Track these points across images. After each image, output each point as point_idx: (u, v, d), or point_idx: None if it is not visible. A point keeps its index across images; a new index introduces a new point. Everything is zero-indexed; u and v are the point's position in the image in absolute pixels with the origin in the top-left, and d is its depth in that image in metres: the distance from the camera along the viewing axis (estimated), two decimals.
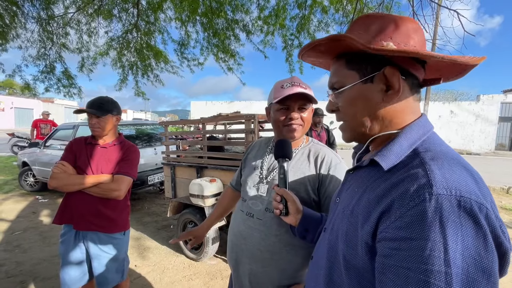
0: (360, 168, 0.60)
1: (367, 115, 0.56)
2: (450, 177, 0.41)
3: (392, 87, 0.52)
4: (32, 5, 3.67)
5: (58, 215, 1.58)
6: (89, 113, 1.55)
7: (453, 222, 0.37)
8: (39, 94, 4.77)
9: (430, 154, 0.47)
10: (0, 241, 3.26)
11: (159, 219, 4.11)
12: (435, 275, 0.36)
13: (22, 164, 5.61)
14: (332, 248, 0.58)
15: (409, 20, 0.54)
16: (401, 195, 0.43)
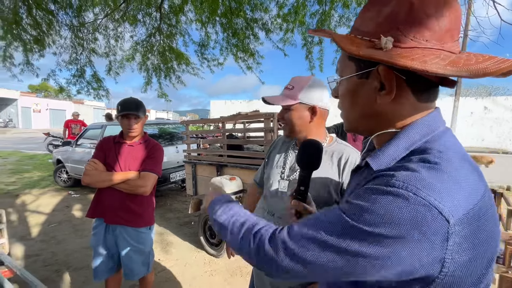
0: (360, 168, 0.57)
1: (358, 111, 0.52)
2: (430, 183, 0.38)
3: (385, 87, 0.46)
4: (65, 14, 3.93)
5: (90, 210, 1.69)
6: (127, 115, 1.63)
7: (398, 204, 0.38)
8: (72, 96, 5.10)
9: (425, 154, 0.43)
10: (38, 232, 3.54)
11: (181, 216, 4.24)
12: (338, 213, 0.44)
13: (57, 161, 6.03)
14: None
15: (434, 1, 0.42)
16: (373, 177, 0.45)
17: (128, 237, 1.66)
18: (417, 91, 0.47)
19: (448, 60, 0.40)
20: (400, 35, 0.43)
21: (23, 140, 16.12)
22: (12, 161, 8.94)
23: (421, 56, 0.41)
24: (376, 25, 0.45)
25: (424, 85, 0.47)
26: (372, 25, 0.46)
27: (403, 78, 0.45)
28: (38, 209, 4.45)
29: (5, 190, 5.46)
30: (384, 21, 0.45)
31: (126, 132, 1.68)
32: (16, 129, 24.75)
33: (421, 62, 0.40)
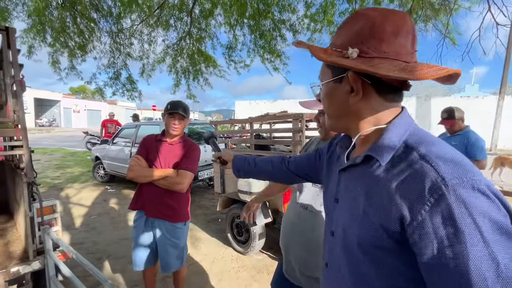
0: (353, 166, 0.61)
1: (336, 111, 0.61)
2: (453, 165, 0.45)
3: (354, 90, 0.56)
4: (106, 21, 4.25)
5: (133, 202, 1.84)
6: (175, 114, 1.77)
7: (474, 205, 0.41)
8: (108, 97, 5.50)
9: (423, 147, 0.49)
10: (81, 223, 3.87)
11: (208, 212, 4.38)
12: (477, 254, 0.40)
13: (95, 158, 6.52)
14: (351, 253, 0.58)
15: (392, 20, 0.53)
16: (419, 194, 0.45)
17: (165, 231, 1.78)
18: (382, 92, 0.56)
19: (399, 67, 0.51)
20: (364, 47, 0.53)
21: (65, 138, 17.58)
22: (56, 157, 9.81)
23: (377, 63, 0.51)
24: (347, 39, 0.56)
25: (387, 87, 0.56)
26: (344, 39, 0.57)
27: (368, 82, 0.55)
28: (79, 202, 4.85)
29: (52, 184, 6.02)
30: (353, 36, 0.55)
31: (168, 130, 1.80)
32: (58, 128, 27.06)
33: (374, 67, 0.50)
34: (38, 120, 26.81)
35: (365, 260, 0.55)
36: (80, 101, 32.55)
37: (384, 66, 0.50)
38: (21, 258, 1.75)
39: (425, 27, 3.89)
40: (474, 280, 0.39)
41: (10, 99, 1.69)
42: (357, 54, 0.53)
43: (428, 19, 3.75)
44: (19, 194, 1.85)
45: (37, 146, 12.44)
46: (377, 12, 0.54)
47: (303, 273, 1.13)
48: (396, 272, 0.51)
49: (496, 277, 0.38)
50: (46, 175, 6.83)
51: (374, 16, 0.54)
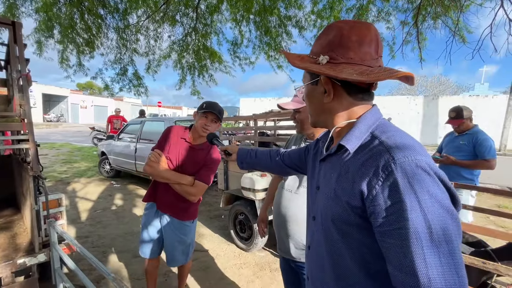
0: (329, 155, 0.70)
1: (317, 109, 0.71)
2: (404, 148, 0.53)
3: (327, 91, 0.65)
4: (112, 17, 4.27)
5: (146, 196, 1.85)
6: (208, 114, 1.68)
7: (417, 179, 0.49)
8: (115, 94, 5.52)
9: (385, 135, 0.58)
10: (86, 217, 3.93)
11: (212, 209, 4.40)
12: (415, 220, 0.47)
13: (101, 153, 6.60)
14: (328, 232, 0.66)
15: (358, 31, 0.61)
16: (375, 171, 0.53)
17: (173, 226, 1.78)
18: (351, 93, 0.64)
19: (359, 71, 0.58)
20: (333, 54, 0.62)
21: (72, 134, 17.83)
22: (63, 152, 9.96)
23: (341, 68, 0.59)
24: (321, 47, 0.64)
25: (355, 88, 0.64)
26: (318, 47, 0.65)
27: (338, 84, 0.63)
28: (85, 196, 4.92)
29: (58, 178, 6.12)
30: (325, 45, 0.64)
31: (198, 130, 1.70)
32: (66, 123, 27.45)
33: (337, 72, 0.59)
34: (46, 116, 27.24)
35: (338, 237, 0.63)
36: (87, 97, 32.94)
37: (346, 71, 0.59)
38: (27, 251, 1.78)
39: (434, 24, 3.81)
40: (412, 241, 0.47)
41: (16, 93, 1.71)
42: (327, 60, 0.62)
43: (437, 16, 3.67)
44: (26, 188, 1.88)
45: (45, 141, 12.66)
46: (346, 24, 0.63)
47: (291, 244, 1.31)
48: (363, 245, 0.59)
49: (430, 239, 0.47)
50: (53, 169, 6.95)
51: (342, 27, 0.62)
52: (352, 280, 0.62)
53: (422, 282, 0.46)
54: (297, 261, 1.33)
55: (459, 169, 2.66)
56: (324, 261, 0.68)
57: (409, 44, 3.86)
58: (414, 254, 0.47)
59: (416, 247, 0.47)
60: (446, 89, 30.88)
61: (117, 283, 1.13)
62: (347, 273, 0.62)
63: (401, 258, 0.48)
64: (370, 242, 0.57)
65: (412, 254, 0.47)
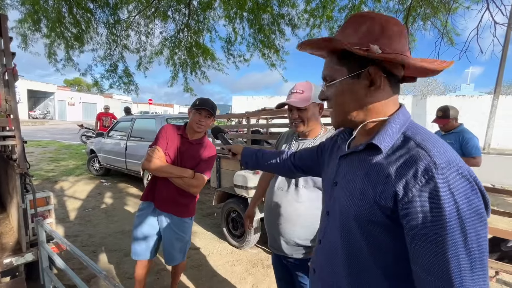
0: (354, 153, 0.67)
1: (353, 106, 0.65)
2: (445, 154, 0.52)
3: (374, 83, 0.61)
4: (102, 12, 4.17)
5: (144, 194, 1.82)
6: (202, 110, 1.69)
7: (457, 187, 0.49)
8: (105, 91, 5.41)
9: (420, 137, 0.57)
10: (75, 216, 3.84)
11: (204, 207, 4.39)
12: (453, 228, 0.47)
13: (90, 151, 6.45)
14: (346, 230, 0.65)
15: (395, 23, 0.61)
16: (414, 173, 0.52)
17: (172, 224, 1.77)
18: (392, 85, 0.63)
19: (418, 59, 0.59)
20: (379, 45, 0.58)
21: (59, 131, 17.35)
22: (50, 150, 9.69)
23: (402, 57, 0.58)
24: (359, 38, 0.61)
25: (395, 79, 0.63)
26: (356, 38, 0.61)
27: (384, 75, 0.61)
28: (74, 195, 4.81)
29: (45, 177, 5.95)
30: (364, 35, 0.60)
31: (193, 126, 1.72)
32: (53, 120, 26.66)
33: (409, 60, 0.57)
34: (32, 112, 26.39)
35: (358, 235, 0.62)
36: (75, 94, 32.05)
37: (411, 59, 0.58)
38: (14, 250, 1.73)
39: (423, 25, 3.89)
40: (448, 247, 0.47)
41: (1, 88, 1.65)
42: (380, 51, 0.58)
43: (427, 17, 3.75)
44: (12, 186, 1.82)
45: (30, 139, 12.27)
46: (379, 16, 0.62)
47: (283, 241, 1.33)
48: (386, 246, 0.58)
49: (465, 246, 0.47)
50: (40, 168, 6.75)
51: (379, 18, 0.61)
52: (365, 277, 0.62)
53: (455, 286, 0.47)
54: (289, 257, 1.34)
55: None
56: (337, 257, 0.67)
57: None
58: (449, 260, 0.47)
59: (452, 253, 0.47)
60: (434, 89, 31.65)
61: (108, 281, 1.11)
62: (361, 271, 0.62)
63: (433, 263, 0.49)
64: (394, 243, 0.57)
65: (448, 259, 0.47)
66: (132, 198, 4.68)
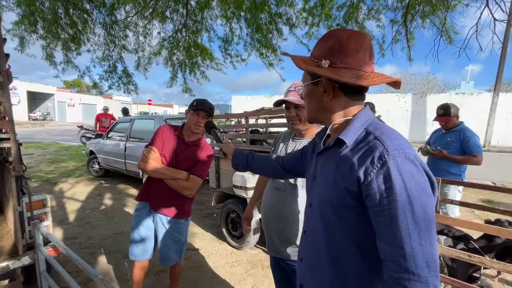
0: (327, 149, 0.79)
1: (316, 107, 0.79)
2: (395, 142, 0.63)
3: (326, 91, 0.73)
4: (99, 12, 4.14)
5: (140, 194, 1.81)
6: (200, 111, 1.69)
7: (405, 168, 0.60)
8: (104, 92, 5.38)
9: (378, 131, 0.67)
10: (75, 217, 3.83)
11: (203, 208, 4.37)
12: (402, 203, 0.58)
13: (90, 152, 6.44)
14: (325, 215, 0.75)
15: (355, 40, 0.70)
16: (371, 161, 0.63)
17: (167, 225, 1.76)
18: (348, 94, 0.74)
19: (357, 75, 0.69)
20: (334, 60, 0.70)
21: (59, 132, 17.34)
22: (50, 151, 9.68)
23: (342, 72, 0.69)
24: (321, 52, 0.73)
25: (352, 90, 0.73)
26: (319, 52, 0.74)
27: (337, 86, 0.72)
28: (73, 196, 4.80)
29: (45, 178, 5.94)
30: (326, 51, 0.72)
31: (191, 127, 1.72)
32: (53, 121, 26.64)
33: (339, 75, 0.68)
34: (32, 114, 26.39)
35: (334, 220, 0.72)
36: (75, 95, 32.04)
37: (346, 75, 0.68)
38: (10, 253, 1.72)
39: (422, 24, 3.87)
40: (400, 219, 0.57)
41: None
42: (328, 64, 0.70)
43: (426, 15, 3.72)
44: (8, 188, 1.81)
45: (30, 140, 12.27)
46: (344, 33, 0.72)
47: (281, 242, 1.32)
48: (356, 225, 0.69)
49: (413, 217, 0.57)
50: (39, 169, 6.75)
51: (341, 35, 0.71)
52: (344, 259, 0.71)
53: (406, 251, 0.56)
54: (287, 260, 1.33)
55: (447, 165, 2.72)
56: (319, 243, 0.77)
57: (399, 43, 3.91)
58: (401, 229, 0.57)
59: (403, 223, 0.57)
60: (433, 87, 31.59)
61: (104, 285, 1.10)
62: (339, 253, 0.72)
63: (390, 232, 0.59)
64: (362, 223, 0.67)
65: (400, 229, 0.57)
66: (131, 199, 4.66)
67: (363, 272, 0.70)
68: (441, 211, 2.71)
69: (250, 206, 1.72)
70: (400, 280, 0.58)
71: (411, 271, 0.56)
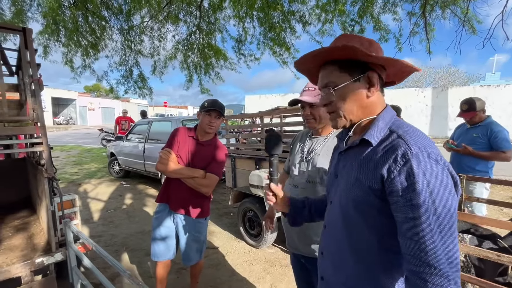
0: (351, 148, 0.79)
1: (356, 106, 0.76)
2: (418, 141, 0.64)
3: (373, 85, 0.74)
4: (116, 19, 4.30)
5: (159, 195, 1.88)
6: (211, 112, 1.74)
7: (428, 166, 0.61)
8: (120, 96, 5.57)
9: (401, 130, 0.69)
10: (99, 217, 4.01)
11: (220, 207, 4.44)
12: (425, 199, 0.59)
13: (110, 154, 6.70)
14: (346, 213, 0.76)
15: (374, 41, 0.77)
16: (394, 158, 0.64)
17: (188, 225, 1.81)
18: (381, 87, 0.77)
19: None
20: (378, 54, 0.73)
21: (81, 136, 18.15)
22: (74, 154, 10.16)
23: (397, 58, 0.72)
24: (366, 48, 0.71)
25: (382, 83, 0.77)
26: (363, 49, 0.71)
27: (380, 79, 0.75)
28: (97, 196, 5.02)
29: (70, 180, 6.25)
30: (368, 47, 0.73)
31: (204, 128, 1.78)
32: (75, 125, 27.93)
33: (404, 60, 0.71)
34: (56, 119, 27.77)
35: (356, 216, 0.73)
36: (94, 99, 33.39)
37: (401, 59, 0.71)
38: (44, 250, 1.84)
39: (442, 14, 3.71)
40: (422, 215, 0.59)
41: (29, 98, 1.75)
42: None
43: (446, 5, 3.57)
44: (41, 189, 1.93)
45: (55, 144, 12.91)
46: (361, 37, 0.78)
47: (301, 240, 1.33)
48: (380, 223, 0.70)
49: (434, 215, 0.58)
50: (65, 171, 7.10)
51: (364, 37, 0.78)
52: (367, 254, 0.73)
53: (428, 246, 0.58)
54: (307, 257, 1.34)
55: (472, 162, 2.60)
56: (341, 238, 0.78)
57: (417, 36, 3.78)
58: (423, 225, 0.59)
59: (425, 219, 0.58)
60: (455, 80, 30.12)
61: (132, 280, 1.16)
62: (362, 248, 0.73)
63: (412, 228, 0.60)
64: (385, 220, 0.68)
65: (422, 224, 0.59)
66: (151, 199, 4.81)
67: (385, 267, 0.71)
68: (467, 209, 2.60)
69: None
70: (421, 274, 0.59)
71: (432, 265, 0.58)
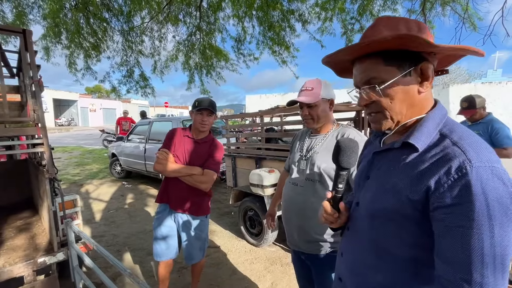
0: (389, 150, 0.68)
1: (406, 105, 0.64)
2: (480, 152, 0.53)
3: (428, 78, 0.61)
4: (117, 20, 4.32)
5: (159, 195, 1.89)
6: (203, 111, 1.77)
7: (490, 185, 0.49)
8: (122, 96, 5.60)
9: (456, 135, 0.58)
10: (100, 217, 4.03)
11: (221, 206, 4.45)
12: (481, 226, 0.48)
13: (112, 155, 6.73)
14: (374, 218, 0.68)
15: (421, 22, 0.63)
16: (447, 170, 0.53)
17: (189, 223, 1.83)
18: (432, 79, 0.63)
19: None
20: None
21: (83, 137, 18.22)
22: (75, 155, 10.21)
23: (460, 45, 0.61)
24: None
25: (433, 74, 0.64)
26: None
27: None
28: (98, 197, 5.04)
29: (72, 180, 6.28)
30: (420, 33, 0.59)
31: (198, 127, 1.81)
32: (77, 126, 28.05)
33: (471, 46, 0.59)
34: (58, 120, 27.88)
35: (386, 224, 0.65)
36: (95, 100, 33.52)
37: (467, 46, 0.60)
38: (46, 250, 1.85)
39: (442, 12, 3.70)
40: (474, 243, 0.49)
41: (29, 99, 1.77)
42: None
43: (446, 2, 3.56)
44: (42, 190, 1.94)
45: (57, 145, 12.97)
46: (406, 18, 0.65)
47: (301, 237, 1.34)
48: (412, 235, 0.61)
49: (490, 245, 0.48)
50: (66, 172, 7.14)
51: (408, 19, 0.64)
52: (392, 264, 0.65)
53: (474, 278, 0.49)
54: (307, 253, 1.35)
55: None
56: (365, 243, 0.71)
57: None
58: (472, 253, 0.49)
59: (476, 247, 0.49)
60: (457, 77, 29.98)
61: (133, 279, 1.17)
62: (387, 256, 0.66)
63: (457, 254, 0.51)
64: (419, 233, 0.59)
65: (471, 252, 0.49)
66: (152, 199, 4.83)
67: (411, 280, 0.64)
68: None
69: (273, 203, 1.76)
70: None
71: None
